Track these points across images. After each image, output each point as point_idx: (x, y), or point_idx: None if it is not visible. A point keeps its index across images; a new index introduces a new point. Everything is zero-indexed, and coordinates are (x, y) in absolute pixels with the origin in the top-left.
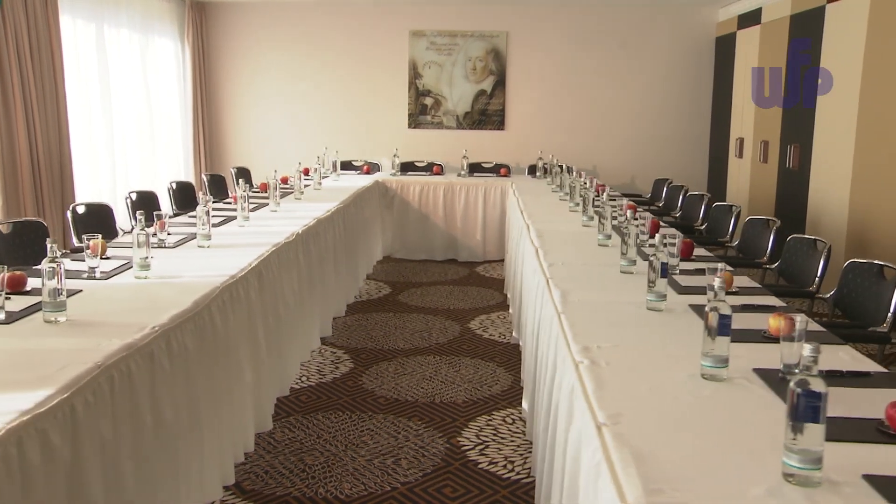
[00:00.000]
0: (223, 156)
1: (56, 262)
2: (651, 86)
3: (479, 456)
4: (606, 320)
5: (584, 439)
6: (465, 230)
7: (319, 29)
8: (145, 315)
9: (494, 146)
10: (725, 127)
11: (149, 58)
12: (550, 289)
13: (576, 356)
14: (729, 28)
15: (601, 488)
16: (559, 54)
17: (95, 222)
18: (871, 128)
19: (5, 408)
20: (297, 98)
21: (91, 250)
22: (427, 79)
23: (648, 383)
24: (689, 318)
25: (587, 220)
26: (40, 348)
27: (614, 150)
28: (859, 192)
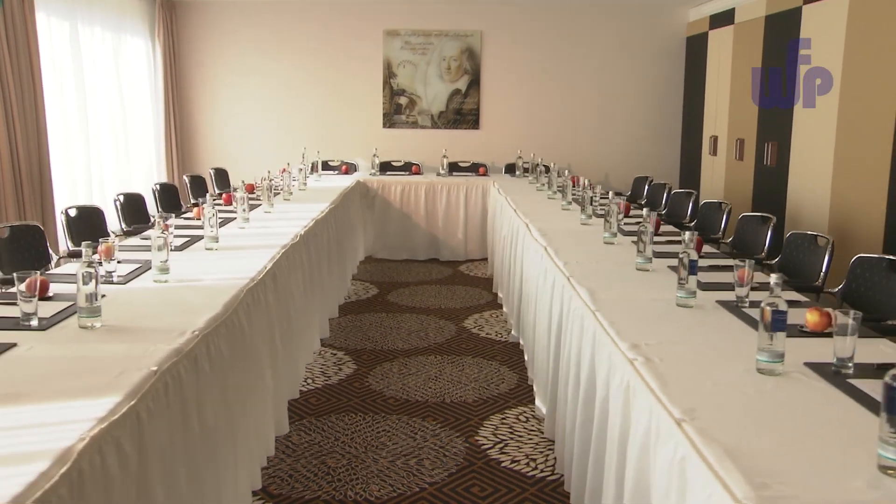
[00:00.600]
0: (195, 157)
1: (93, 267)
2: (623, 85)
3: (499, 454)
4: (642, 317)
5: (657, 435)
6: (446, 229)
7: (292, 28)
8: (180, 319)
9: (469, 145)
10: (698, 125)
11: (121, 57)
12: (575, 287)
13: (627, 353)
14: (700, 28)
15: (691, 483)
16: (533, 54)
17: (87, 226)
18: (851, 125)
19: (81, 415)
20: (269, 98)
21: (104, 254)
22: (401, 78)
23: (709, 379)
24: (719, 314)
25: (586, 219)
26: (90, 354)
27: (588, 148)
28: (841, 188)
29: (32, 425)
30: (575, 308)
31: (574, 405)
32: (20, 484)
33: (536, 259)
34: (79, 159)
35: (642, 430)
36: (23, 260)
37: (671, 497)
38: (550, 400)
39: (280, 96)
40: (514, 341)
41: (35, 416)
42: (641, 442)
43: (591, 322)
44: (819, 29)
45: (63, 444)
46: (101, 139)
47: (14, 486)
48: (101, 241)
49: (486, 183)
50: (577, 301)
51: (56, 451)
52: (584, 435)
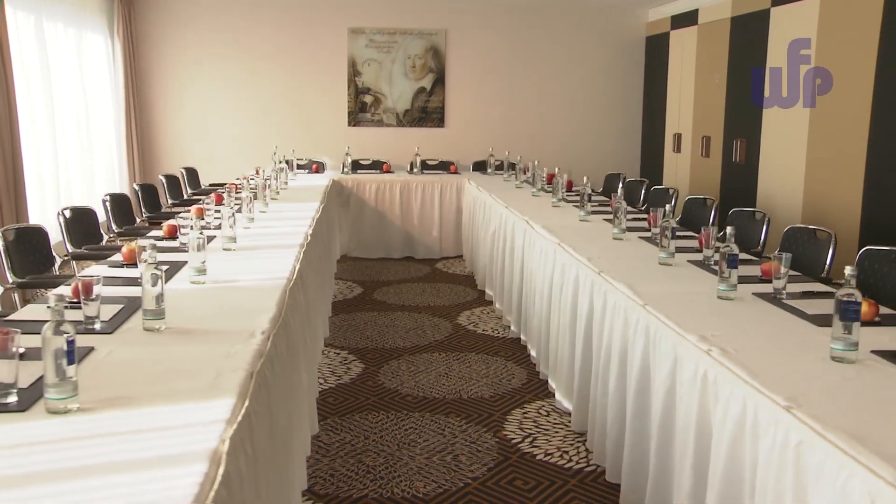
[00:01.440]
0: (157, 158)
1: (159, 269)
2: (585, 84)
3: (531, 448)
4: (692, 311)
5: (755, 423)
6: (421, 227)
7: (255, 25)
8: (241, 321)
9: (435, 143)
10: (660, 122)
11: (84, 54)
12: (610, 282)
13: (699, 345)
14: (660, 28)
15: (812, 467)
16: (497, 53)
17: (82, 227)
18: (825, 123)
19: (205, 417)
20: (232, 96)
21: (125, 257)
22: (366, 76)
23: (790, 368)
24: (761, 306)
25: (585, 216)
26: (174, 357)
27: (551, 145)
28: (814, 184)
29: (166, 427)
30: (614, 303)
31: (618, 398)
32: (193, 483)
33: (547, 255)
34: (47, 163)
35: (733, 418)
36: (30, 262)
37: (784, 481)
38: (578, 395)
39: (243, 94)
40: (513, 337)
41: (160, 419)
42: (732, 430)
43: (641, 316)
44: (789, 30)
45: (207, 446)
46: (67, 138)
47: (189, 485)
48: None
49: (460, 181)
50: (616, 296)
51: (205, 452)
52: (637, 426)
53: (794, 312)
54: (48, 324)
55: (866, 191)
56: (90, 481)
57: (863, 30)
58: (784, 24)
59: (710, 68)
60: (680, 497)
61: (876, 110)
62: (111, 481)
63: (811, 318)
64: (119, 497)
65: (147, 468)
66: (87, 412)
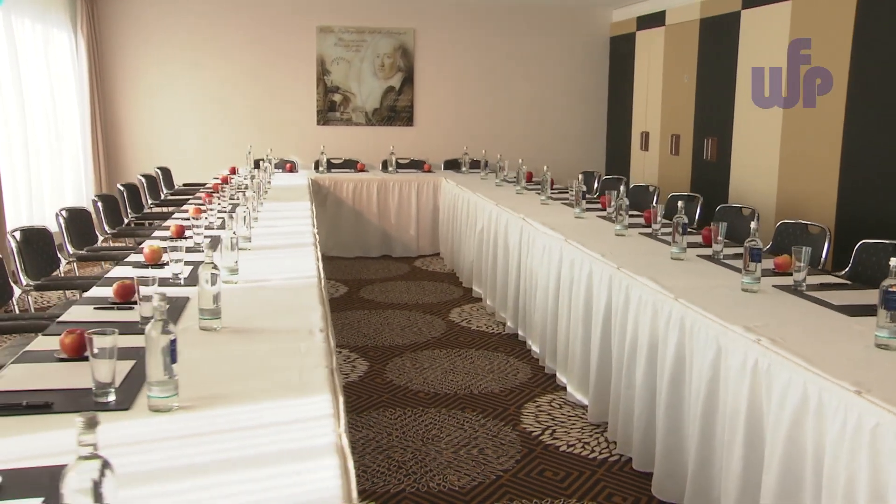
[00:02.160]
0: (123, 158)
1: (217, 269)
2: (550, 83)
3: (553, 440)
4: (724, 303)
5: (819, 408)
6: (399, 226)
7: (223, 22)
8: (294, 318)
9: (404, 142)
10: (626, 121)
11: (50, 52)
12: (634, 277)
13: (746, 335)
14: (626, 28)
15: (889, 450)
16: (465, 52)
17: (78, 228)
18: (798, 122)
19: (309, 413)
20: (199, 94)
21: (148, 258)
22: (335, 75)
23: (840, 355)
24: (785, 298)
25: (580, 213)
26: (245, 355)
27: (518, 143)
28: (788, 182)
29: (275, 423)
30: (639, 297)
31: (647, 389)
32: (332, 476)
33: (551, 252)
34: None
35: (792, 404)
36: (39, 263)
37: (858, 462)
38: (596, 388)
39: (210, 93)
40: (510, 333)
41: (265, 415)
42: (791, 415)
43: (674, 309)
44: (759, 32)
45: (327, 440)
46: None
47: (329, 478)
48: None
49: (437, 179)
50: (640, 290)
51: (328, 447)
52: (672, 415)
53: (820, 304)
54: (153, 323)
55: (841, 186)
56: (226, 476)
57: (836, 30)
58: (755, 25)
59: (678, 68)
60: (728, 480)
61: (850, 108)
62: (248, 476)
63: (840, 308)
64: (264, 490)
65: (276, 463)
66: (188, 410)
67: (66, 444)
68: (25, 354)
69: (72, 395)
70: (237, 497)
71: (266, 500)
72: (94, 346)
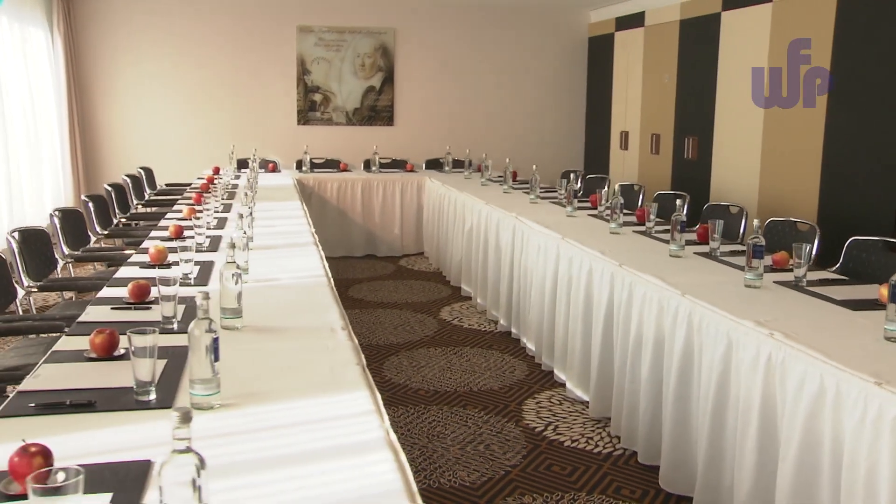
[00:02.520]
0: (101, 159)
1: (240, 269)
2: (528, 83)
3: (556, 435)
4: (729, 298)
5: (837, 399)
6: (383, 225)
7: (202, 22)
8: (312, 317)
9: (384, 142)
10: (605, 121)
11: (28, 51)
12: (638, 274)
13: (759, 329)
14: (604, 29)
15: None
16: (444, 52)
17: (72, 229)
18: (779, 121)
19: (349, 409)
20: (178, 94)
21: (153, 258)
22: (316, 75)
23: (853, 348)
24: (788, 293)
25: (571, 211)
26: (274, 353)
27: (497, 143)
28: (770, 180)
29: (318, 420)
30: (643, 293)
31: (653, 384)
32: (390, 470)
33: (547, 250)
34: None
35: (809, 396)
36: (37, 264)
37: (879, 450)
38: (597, 384)
39: (190, 92)
40: (502, 331)
41: (306, 412)
42: (808, 406)
43: (681, 304)
44: (740, 34)
45: (375, 435)
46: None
47: (387, 471)
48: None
49: (420, 179)
50: (645, 286)
51: (378, 441)
52: (680, 408)
53: (823, 299)
54: (196, 322)
55: (823, 184)
56: (284, 471)
57: (817, 32)
58: (735, 27)
59: (658, 69)
60: (742, 470)
61: (831, 107)
62: (305, 471)
63: (843, 303)
64: (326, 485)
65: (331, 458)
66: (230, 408)
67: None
68: (55, 354)
69: (112, 393)
70: (302, 491)
71: (329, 493)
72: (134, 345)
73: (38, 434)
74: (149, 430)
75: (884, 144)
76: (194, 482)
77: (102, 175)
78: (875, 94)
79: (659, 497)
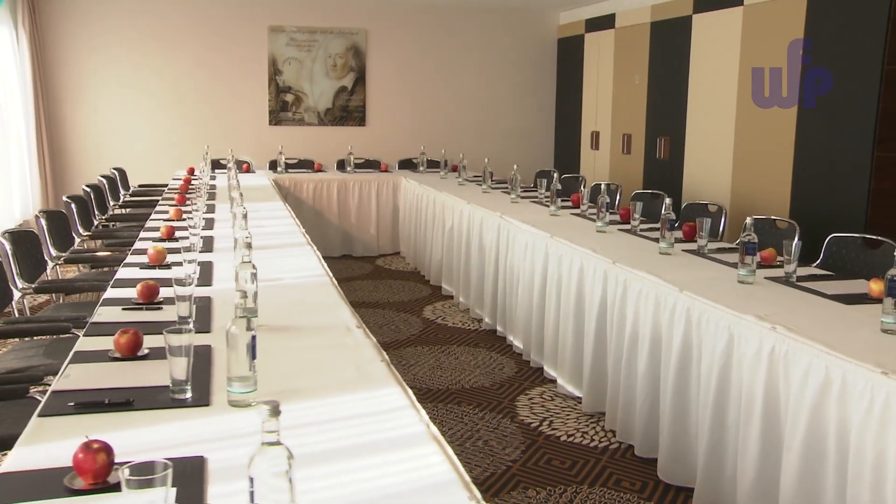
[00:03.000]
0: (68, 161)
1: (255, 267)
2: (499, 83)
3: (552, 430)
4: (726, 294)
5: (843, 389)
6: (359, 226)
7: (172, 21)
8: (326, 316)
9: (356, 142)
10: (575, 121)
11: None
12: (632, 271)
13: (760, 323)
14: (574, 31)
15: None
16: (416, 53)
17: (57, 229)
18: (751, 122)
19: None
20: (148, 94)
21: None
22: (287, 75)
23: (854, 339)
24: (781, 289)
25: (555, 210)
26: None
27: (468, 143)
28: (742, 179)
29: (357, 415)
30: (639, 290)
31: (650, 378)
32: (440, 462)
33: (535, 249)
34: None
35: (814, 387)
36: (29, 266)
37: (887, 438)
38: (590, 380)
39: (160, 92)
40: (487, 329)
41: (343, 408)
42: (813, 396)
43: (679, 300)
44: (711, 36)
45: (417, 430)
46: None
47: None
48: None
49: (396, 179)
50: (640, 283)
51: (422, 436)
52: (679, 402)
53: (814, 293)
54: (236, 320)
55: (795, 184)
56: (336, 465)
57: (786, 35)
58: (707, 29)
59: (629, 70)
60: (745, 460)
61: (802, 108)
62: (357, 464)
63: (834, 297)
64: (382, 477)
65: (379, 452)
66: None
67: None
68: (79, 355)
69: (148, 392)
70: (359, 484)
71: (385, 486)
72: (170, 344)
73: (82, 432)
74: (189, 427)
75: (854, 144)
76: (287, 473)
77: (71, 176)
78: (845, 95)
79: (658, 488)
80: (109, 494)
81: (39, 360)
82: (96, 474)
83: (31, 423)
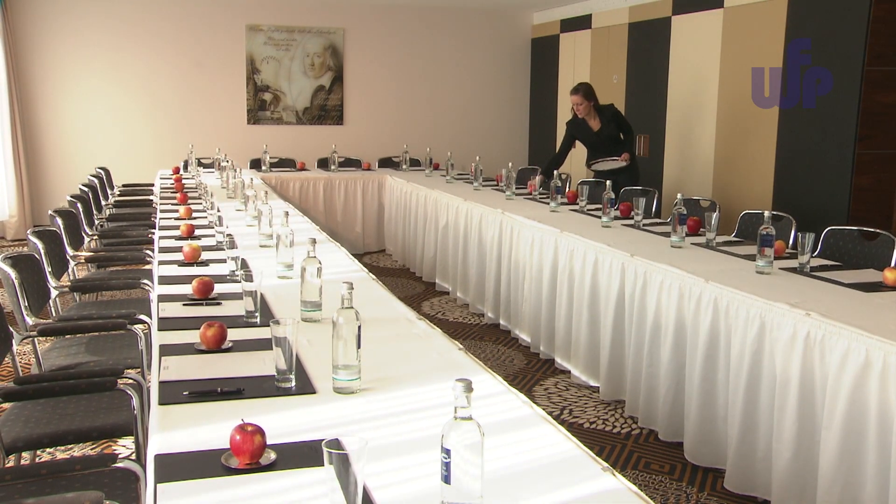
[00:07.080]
0: (45, 162)
1: (320, 262)
2: (474, 82)
3: (573, 418)
4: (749, 283)
5: (885, 369)
6: (345, 224)
7: (149, 20)
8: (383, 308)
9: (334, 141)
10: (550, 120)
11: None
12: (654, 264)
13: (794, 310)
14: (548, 31)
15: None
16: (393, 52)
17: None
18: (732, 121)
19: (485, 389)
20: (125, 93)
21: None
22: (265, 74)
23: (887, 323)
24: (799, 279)
25: (555, 207)
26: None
27: (445, 141)
28: (722, 175)
29: None
30: (660, 281)
31: (675, 366)
32: (563, 440)
33: (543, 244)
34: None
35: (854, 369)
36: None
37: None
38: (608, 369)
39: (137, 92)
40: (489, 323)
41: (443, 395)
42: (853, 378)
43: (705, 290)
44: (691, 38)
45: (525, 412)
46: None
47: (560, 442)
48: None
49: (381, 177)
50: (662, 275)
51: (532, 417)
52: (707, 388)
53: (832, 283)
54: (342, 311)
55: (777, 181)
56: None
57: (768, 37)
58: (687, 31)
59: (607, 70)
60: (781, 441)
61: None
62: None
63: (852, 286)
64: (515, 455)
65: (499, 433)
66: (371, 392)
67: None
68: (166, 348)
69: (254, 381)
70: (492, 463)
71: (518, 464)
72: (275, 335)
73: (199, 418)
74: (303, 414)
75: (835, 140)
76: (479, 446)
77: (47, 176)
78: (828, 95)
79: (687, 469)
80: (264, 473)
81: (87, 357)
82: (253, 454)
83: (154, 411)
